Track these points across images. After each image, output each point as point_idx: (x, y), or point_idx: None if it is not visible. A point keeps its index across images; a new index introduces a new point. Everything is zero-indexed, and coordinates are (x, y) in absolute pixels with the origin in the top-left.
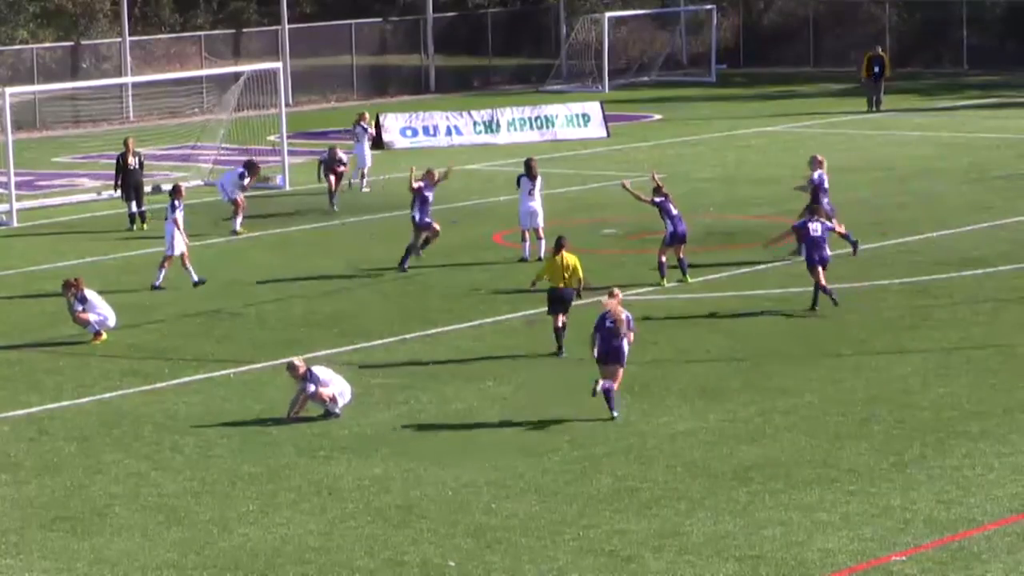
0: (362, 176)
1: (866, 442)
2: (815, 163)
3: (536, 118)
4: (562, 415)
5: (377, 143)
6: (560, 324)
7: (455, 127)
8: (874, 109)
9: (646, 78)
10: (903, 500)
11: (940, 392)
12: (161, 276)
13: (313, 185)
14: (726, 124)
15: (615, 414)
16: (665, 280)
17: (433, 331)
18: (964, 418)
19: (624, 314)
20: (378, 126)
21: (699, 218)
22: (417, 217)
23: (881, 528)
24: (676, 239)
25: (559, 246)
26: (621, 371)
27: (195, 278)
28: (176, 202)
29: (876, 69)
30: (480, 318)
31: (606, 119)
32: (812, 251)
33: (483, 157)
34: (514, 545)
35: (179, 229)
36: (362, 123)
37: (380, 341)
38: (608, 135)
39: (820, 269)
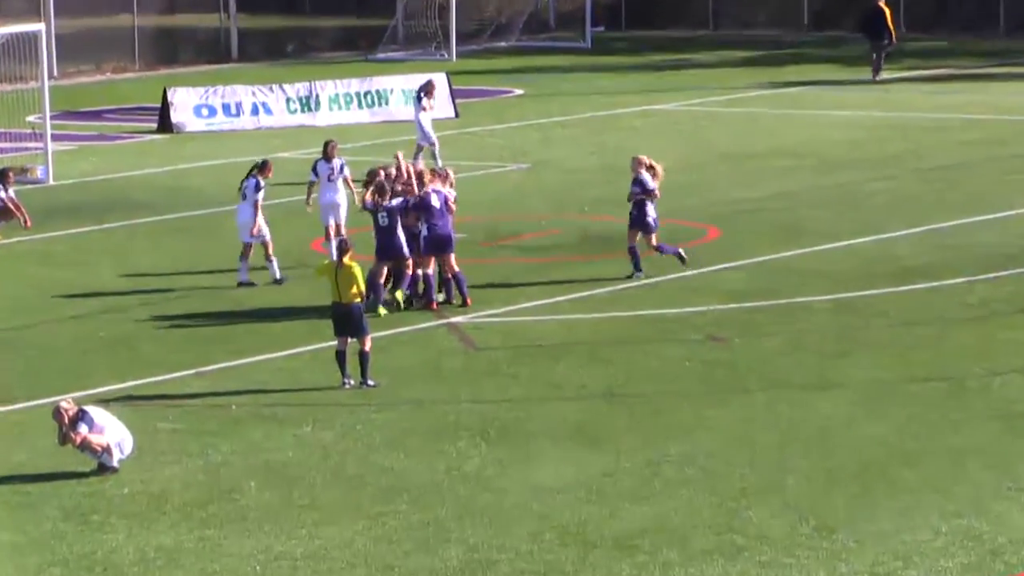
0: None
1: (779, 499)
2: (638, 164)
3: (366, 93)
4: (399, 467)
5: (165, 124)
6: (343, 348)
7: (263, 104)
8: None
9: (504, 43)
10: (828, 574)
11: (871, 435)
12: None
13: (89, 178)
14: (604, 101)
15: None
16: (382, 307)
17: (237, 362)
18: (901, 467)
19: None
20: (165, 103)
21: (570, 219)
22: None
23: None
24: (433, 246)
25: (342, 251)
26: None
27: (277, 274)
28: (260, 180)
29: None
30: (296, 345)
31: (453, 95)
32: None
33: (299, 143)
34: None
35: (259, 212)
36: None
37: (169, 375)
38: (456, 115)
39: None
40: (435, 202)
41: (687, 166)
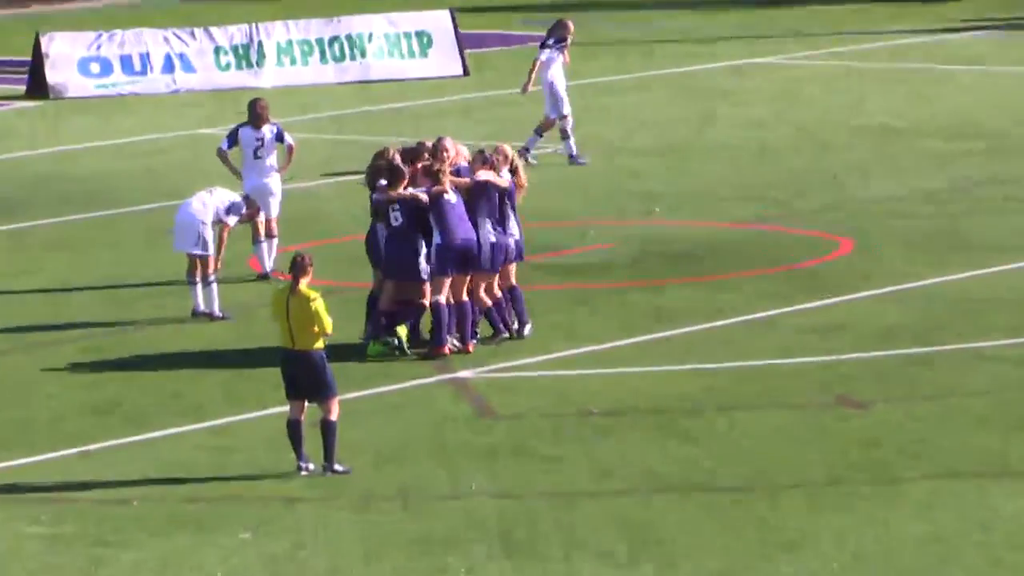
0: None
1: None
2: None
3: (332, 40)
4: None
5: (38, 85)
6: (298, 416)
7: (181, 56)
8: None
9: None
10: None
11: None
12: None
13: None
14: (681, 52)
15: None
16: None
17: (142, 436)
18: None
19: None
20: (37, 55)
21: (629, 226)
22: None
23: None
24: (450, 260)
25: (297, 270)
26: None
27: (219, 313)
28: (243, 206)
29: None
30: (228, 412)
31: (461, 42)
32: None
33: (234, 112)
34: None
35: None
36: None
37: (43, 455)
38: (465, 71)
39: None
40: (451, 198)
41: (803, 149)
